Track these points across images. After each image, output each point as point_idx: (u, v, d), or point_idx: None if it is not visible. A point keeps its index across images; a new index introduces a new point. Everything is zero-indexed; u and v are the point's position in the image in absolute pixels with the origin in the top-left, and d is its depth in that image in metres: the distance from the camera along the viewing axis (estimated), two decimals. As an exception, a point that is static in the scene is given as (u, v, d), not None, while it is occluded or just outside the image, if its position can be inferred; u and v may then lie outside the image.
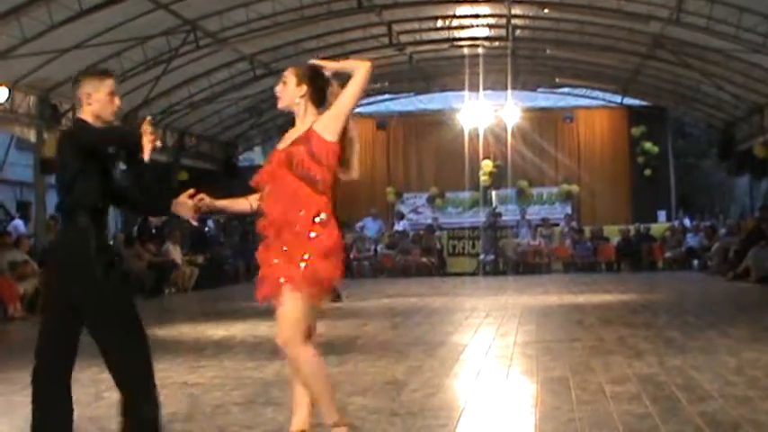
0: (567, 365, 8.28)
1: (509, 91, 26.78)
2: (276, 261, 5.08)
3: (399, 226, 29.83)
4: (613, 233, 27.92)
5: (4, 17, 16.24)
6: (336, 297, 17.71)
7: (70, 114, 20.69)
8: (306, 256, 5.02)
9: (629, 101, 31.14)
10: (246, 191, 5.39)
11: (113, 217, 33.16)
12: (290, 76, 5.22)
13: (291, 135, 5.23)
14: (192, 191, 5.32)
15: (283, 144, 5.24)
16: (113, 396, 7.29)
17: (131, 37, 19.09)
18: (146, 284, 20.71)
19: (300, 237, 5.05)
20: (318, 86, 5.21)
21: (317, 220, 5.07)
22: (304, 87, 5.18)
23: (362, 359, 9.21)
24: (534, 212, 30.17)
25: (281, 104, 5.29)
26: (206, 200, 5.33)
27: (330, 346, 10.40)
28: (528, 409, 6.39)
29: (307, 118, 5.21)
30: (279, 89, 5.26)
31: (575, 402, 6.50)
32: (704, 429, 5.54)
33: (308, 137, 5.12)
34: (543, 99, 31.90)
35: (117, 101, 5.04)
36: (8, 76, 17.45)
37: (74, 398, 5.14)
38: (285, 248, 5.06)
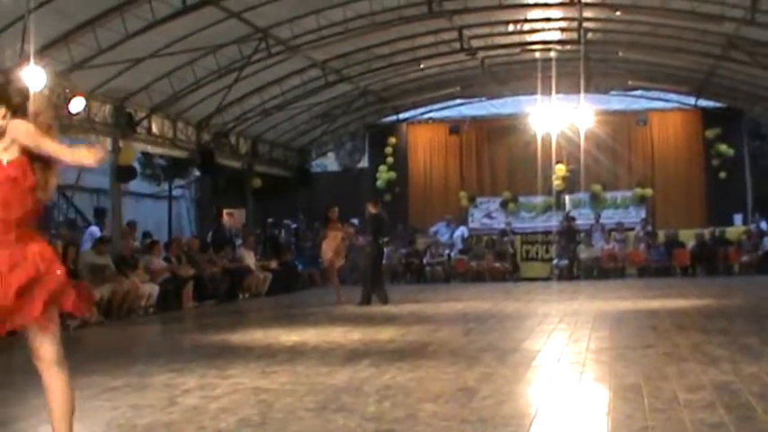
0: (641, 372, 8.18)
1: (581, 94, 26.55)
2: None
3: (458, 232, 29.78)
4: (688, 237, 27.56)
5: (81, 28, 16.59)
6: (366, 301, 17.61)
7: (145, 123, 21.05)
8: None
9: (703, 103, 30.68)
10: (319, 196, 5.40)
11: (186, 224, 33.61)
12: None
13: None
14: None
15: None
16: (188, 401, 7.42)
17: (204, 46, 19.33)
18: (220, 290, 21.05)
19: None
20: (16, 104, 4.87)
21: None
22: (3, 109, 4.84)
23: (434, 365, 9.19)
24: (608, 217, 29.88)
25: None
26: None
27: (401, 352, 10.43)
28: (600, 416, 6.33)
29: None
30: None
31: (647, 410, 6.42)
32: (780, 439, 5.45)
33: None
34: (616, 102, 31.56)
35: None
36: (85, 85, 17.76)
37: (148, 403, 5.16)
38: None
